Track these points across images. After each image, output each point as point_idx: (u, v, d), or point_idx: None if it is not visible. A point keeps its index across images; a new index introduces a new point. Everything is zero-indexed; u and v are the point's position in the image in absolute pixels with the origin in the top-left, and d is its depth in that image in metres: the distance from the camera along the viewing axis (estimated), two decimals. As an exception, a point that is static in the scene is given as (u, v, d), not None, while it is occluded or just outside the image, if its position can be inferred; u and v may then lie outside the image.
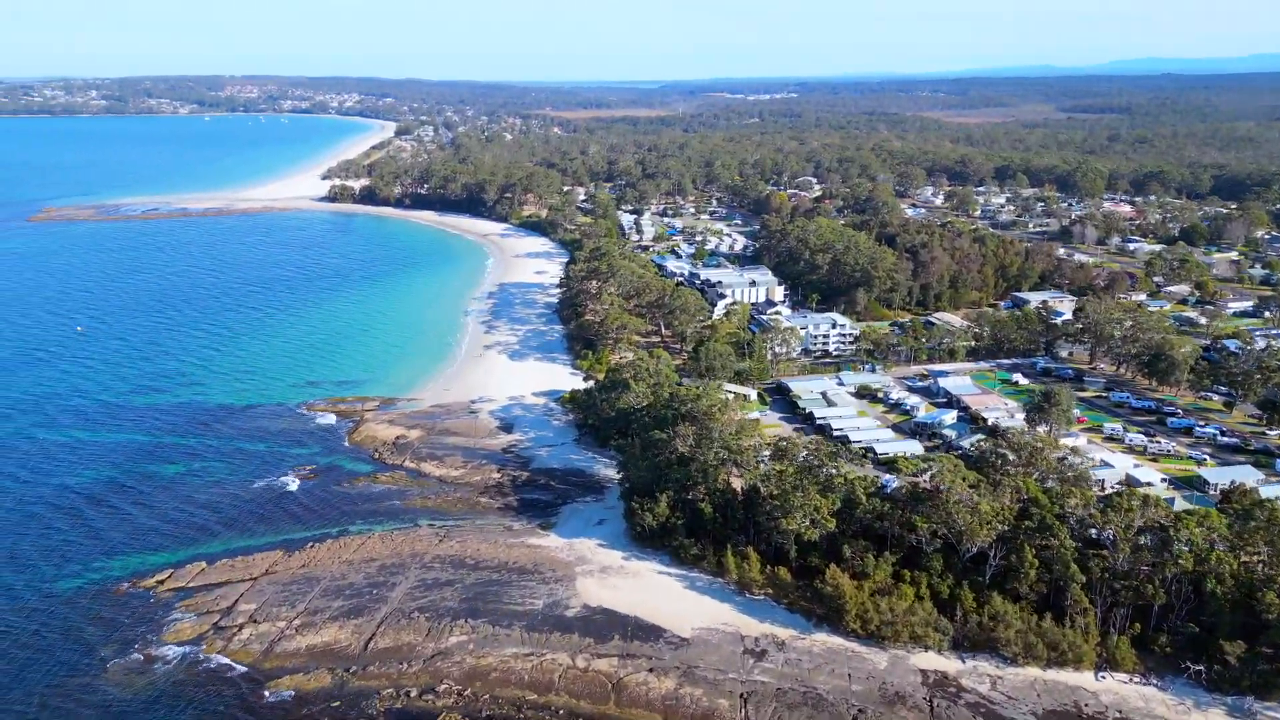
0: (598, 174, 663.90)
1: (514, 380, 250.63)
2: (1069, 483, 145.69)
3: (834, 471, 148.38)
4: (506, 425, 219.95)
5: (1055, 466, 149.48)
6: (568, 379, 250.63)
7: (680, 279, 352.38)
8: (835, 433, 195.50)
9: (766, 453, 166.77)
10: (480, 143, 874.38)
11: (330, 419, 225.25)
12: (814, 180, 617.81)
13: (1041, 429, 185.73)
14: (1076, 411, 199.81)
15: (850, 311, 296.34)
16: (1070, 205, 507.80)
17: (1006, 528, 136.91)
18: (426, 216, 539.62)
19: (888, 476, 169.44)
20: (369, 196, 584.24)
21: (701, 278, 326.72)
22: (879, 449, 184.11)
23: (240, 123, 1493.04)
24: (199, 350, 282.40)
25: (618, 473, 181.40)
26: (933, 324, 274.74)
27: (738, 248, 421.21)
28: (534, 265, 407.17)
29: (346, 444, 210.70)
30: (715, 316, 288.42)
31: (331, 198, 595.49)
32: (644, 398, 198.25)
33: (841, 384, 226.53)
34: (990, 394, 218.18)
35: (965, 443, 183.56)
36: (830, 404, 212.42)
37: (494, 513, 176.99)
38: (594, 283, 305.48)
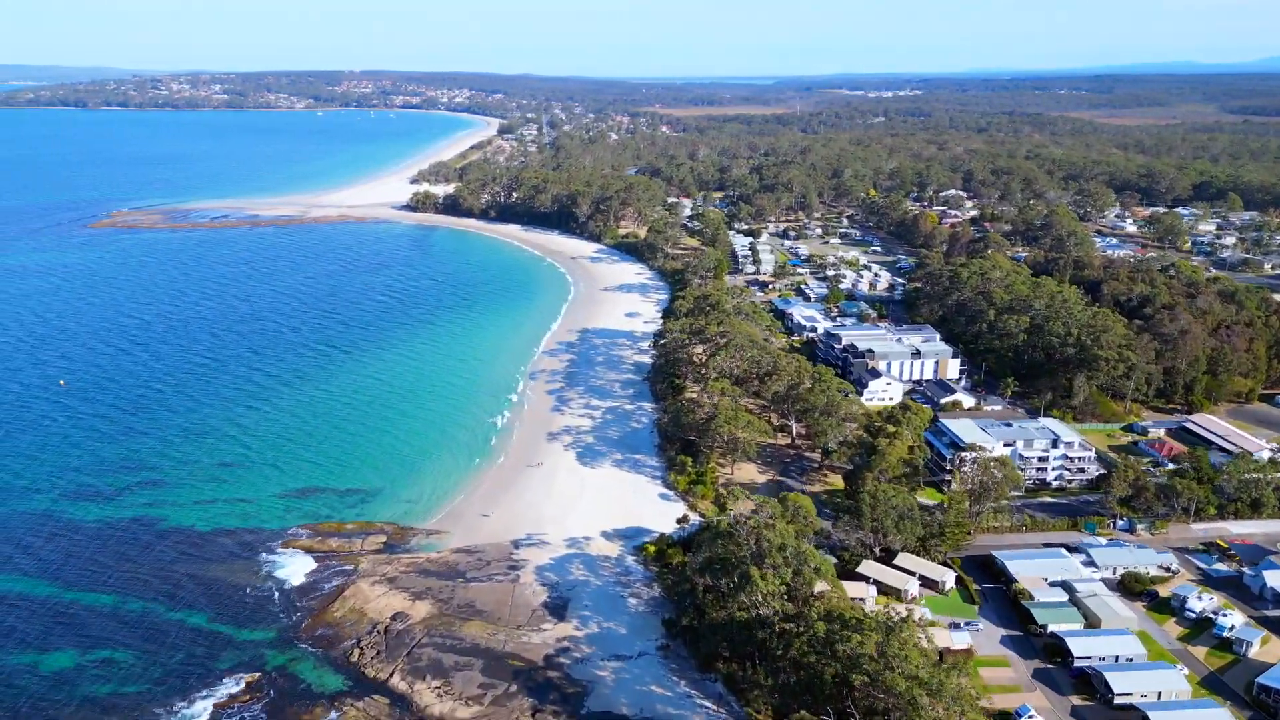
0: (707, 183, 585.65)
1: (581, 505, 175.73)
2: None
3: None
4: (559, 601, 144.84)
5: None
6: (655, 505, 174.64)
7: (810, 334, 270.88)
8: (1117, 698, 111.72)
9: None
10: (581, 144, 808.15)
11: (311, 567, 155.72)
12: (964, 195, 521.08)
13: None
14: None
15: (1062, 404, 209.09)
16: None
17: None
18: (510, 231, 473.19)
19: None
20: (452, 206, 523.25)
21: (844, 341, 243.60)
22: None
23: (349, 118, 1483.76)
24: (186, 420, 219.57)
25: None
26: (1232, 454, 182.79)
27: (881, 286, 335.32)
28: (625, 303, 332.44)
29: (319, 622, 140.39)
30: (868, 401, 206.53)
31: (413, 206, 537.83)
32: (774, 599, 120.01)
33: (1092, 564, 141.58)
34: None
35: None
36: (1087, 616, 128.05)
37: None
38: (698, 347, 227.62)
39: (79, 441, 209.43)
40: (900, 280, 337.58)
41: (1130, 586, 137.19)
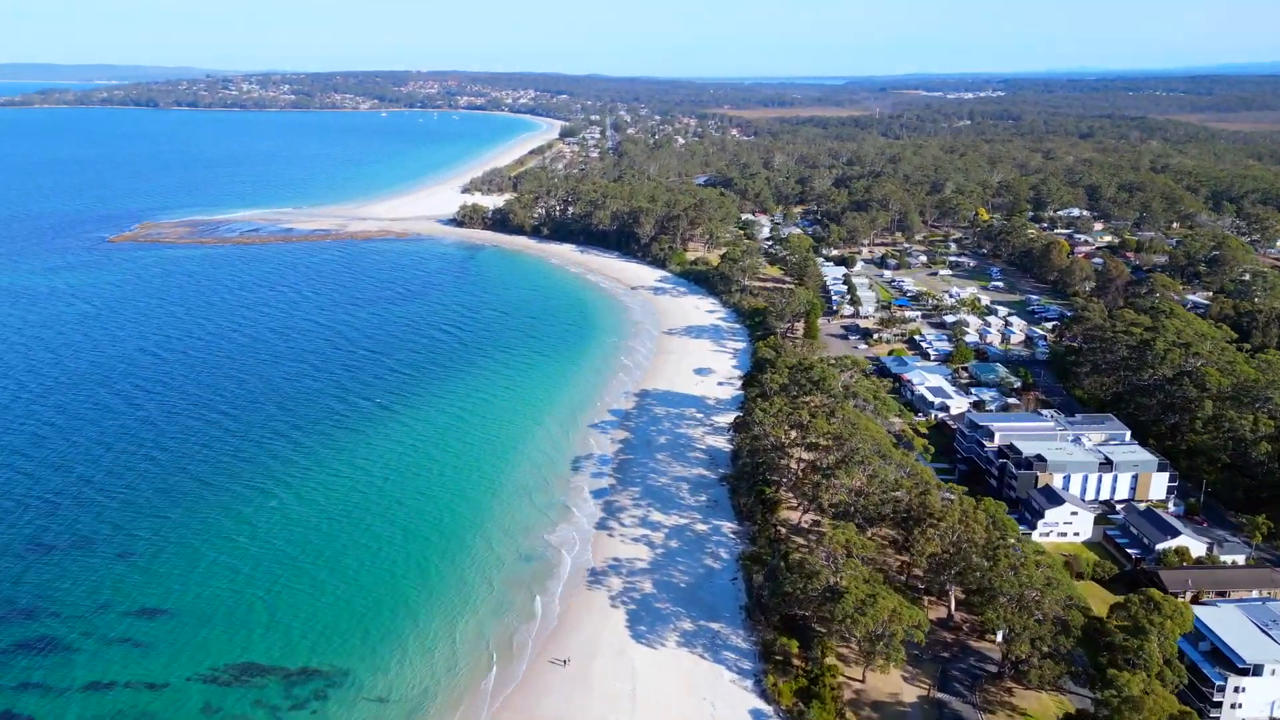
0: (786, 196, 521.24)
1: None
2: None
3: None
4: None
5: None
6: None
7: (941, 415, 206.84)
8: None
9: None
10: (646, 150, 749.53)
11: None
12: (1089, 215, 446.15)
13: None
14: None
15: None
16: None
17: None
18: (564, 253, 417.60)
19: None
20: (501, 222, 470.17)
21: (996, 437, 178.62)
22: None
23: (411, 119, 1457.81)
24: (142, 521, 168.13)
25: None
26: None
27: (1016, 339, 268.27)
28: (694, 352, 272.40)
29: None
30: (1041, 537, 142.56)
31: (459, 221, 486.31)
32: None
33: None
34: None
35: None
36: None
37: None
38: (799, 449, 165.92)
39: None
40: (1039, 333, 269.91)
41: None
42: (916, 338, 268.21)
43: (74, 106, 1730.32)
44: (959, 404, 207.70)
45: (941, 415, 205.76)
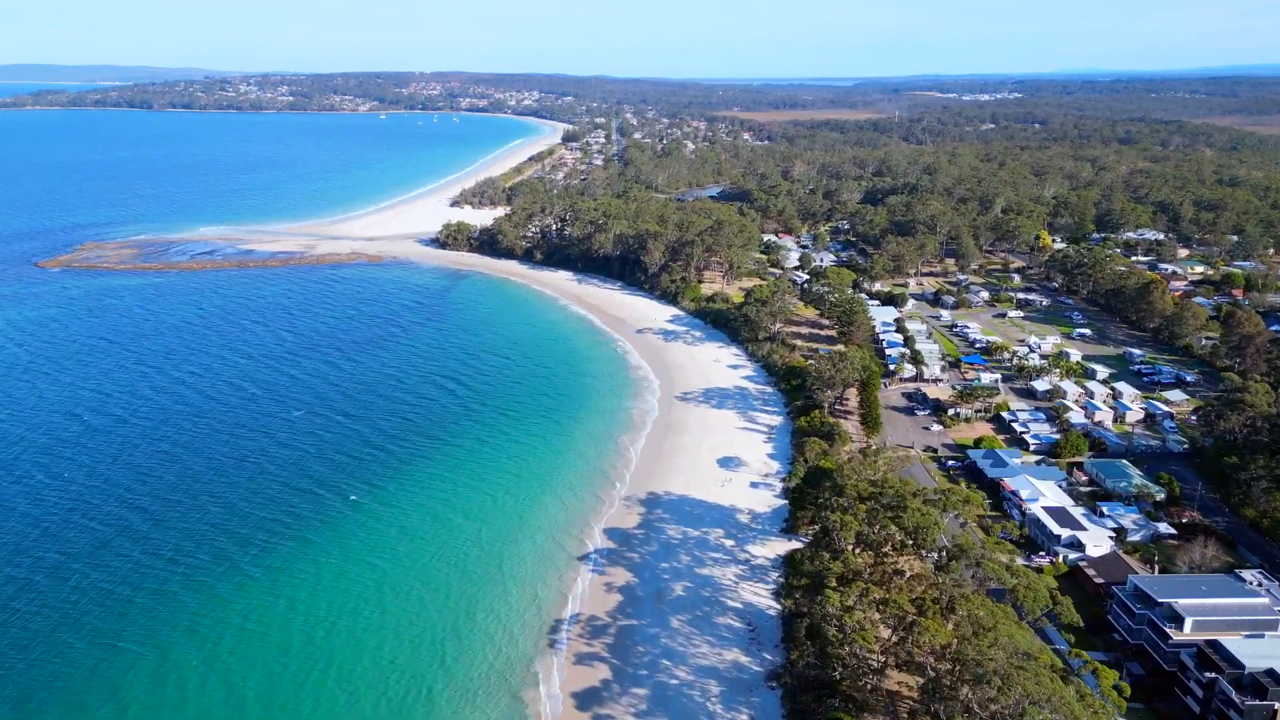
0: (813, 213, 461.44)
1: None
2: None
3: None
4: None
5: None
6: None
7: (1070, 553, 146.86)
8: None
9: None
10: (653, 158, 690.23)
11: None
12: (1172, 238, 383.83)
13: None
14: None
15: None
16: None
17: None
18: (558, 282, 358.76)
19: None
20: (489, 243, 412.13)
21: (1185, 624, 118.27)
22: None
23: (410, 121, 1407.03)
24: None
25: None
26: None
27: (1133, 418, 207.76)
28: (719, 431, 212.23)
29: None
30: None
31: (441, 241, 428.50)
32: None
33: None
34: None
35: None
36: None
37: None
38: (890, 645, 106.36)
39: None
40: (1162, 407, 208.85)
41: None
42: (1005, 415, 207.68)
43: (67, 108, 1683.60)
44: (1096, 537, 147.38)
45: (1074, 556, 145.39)
